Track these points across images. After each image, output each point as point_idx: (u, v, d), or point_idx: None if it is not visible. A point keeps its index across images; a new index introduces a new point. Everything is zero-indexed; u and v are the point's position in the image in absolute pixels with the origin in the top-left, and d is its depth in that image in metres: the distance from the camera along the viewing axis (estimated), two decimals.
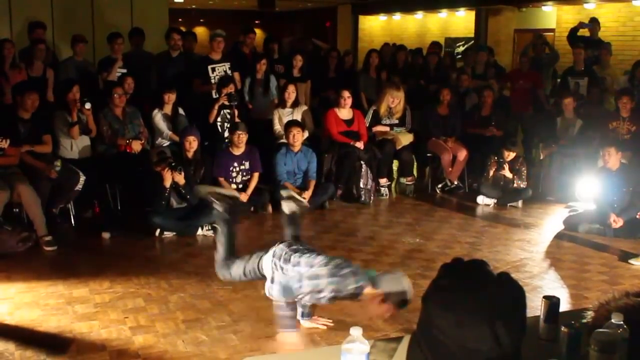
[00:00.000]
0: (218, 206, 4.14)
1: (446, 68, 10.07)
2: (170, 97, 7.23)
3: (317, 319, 4.16)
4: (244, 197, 6.70)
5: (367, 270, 3.54)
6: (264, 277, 3.80)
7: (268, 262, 3.73)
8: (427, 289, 1.47)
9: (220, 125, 7.46)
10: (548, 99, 9.30)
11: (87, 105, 6.49)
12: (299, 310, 4.04)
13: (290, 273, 3.60)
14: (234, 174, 6.84)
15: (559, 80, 9.56)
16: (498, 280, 1.46)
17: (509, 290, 1.45)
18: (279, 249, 3.73)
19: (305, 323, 4.12)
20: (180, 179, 6.07)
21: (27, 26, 8.06)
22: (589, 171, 6.98)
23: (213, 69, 7.91)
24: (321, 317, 4.17)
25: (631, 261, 5.52)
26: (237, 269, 3.95)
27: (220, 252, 4.04)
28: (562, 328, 2.04)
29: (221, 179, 6.77)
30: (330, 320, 4.14)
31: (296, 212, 4.19)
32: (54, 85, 7.46)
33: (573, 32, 9.75)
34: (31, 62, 7.36)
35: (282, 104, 7.74)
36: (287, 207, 4.17)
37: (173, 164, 6.03)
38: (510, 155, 7.39)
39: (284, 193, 4.33)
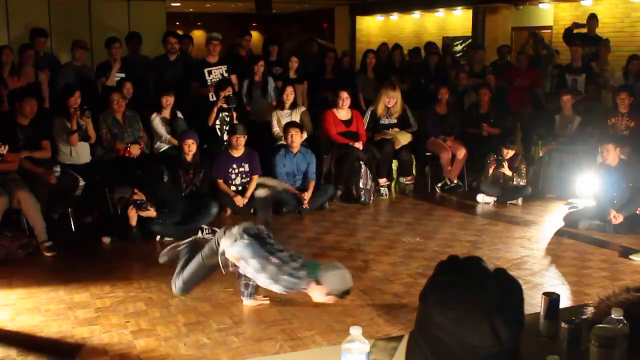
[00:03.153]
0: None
1: (446, 67, 10.07)
2: (169, 101, 7.22)
3: (257, 298, 4.44)
4: (243, 199, 6.71)
5: (311, 266, 3.79)
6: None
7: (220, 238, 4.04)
8: (425, 287, 1.47)
9: (219, 128, 7.46)
10: (548, 96, 9.30)
11: (88, 114, 6.49)
12: (243, 289, 4.39)
13: (248, 271, 3.90)
14: (233, 176, 6.84)
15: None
16: (495, 277, 1.46)
17: (507, 286, 1.45)
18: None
19: (247, 302, 4.41)
20: (150, 213, 5.95)
21: (29, 32, 8.07)
22: (589, 168, 6.98)
23: (209, 72, 7.91)
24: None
25: (632, 257, 5.52)
26: (192, 266, 4.26)
27: (177, 269, 4.37)
28: (562, 324, 2.03)
29: (220, 182, 6.77)
30: (267, 298, 4.41)
31: (268, 196, 4.70)
32: (54, 90, 7.47)
33: (568, 32, 9.76)
34: (21, 67, 7.34)
35: (280, 105, 7.74)
36: (260, 192, 4.71)
37: (138, 202, 5.90)
38: (509, 153, 7.39)
39: (259, 190, 4.93)
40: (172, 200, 6.21)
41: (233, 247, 3.89)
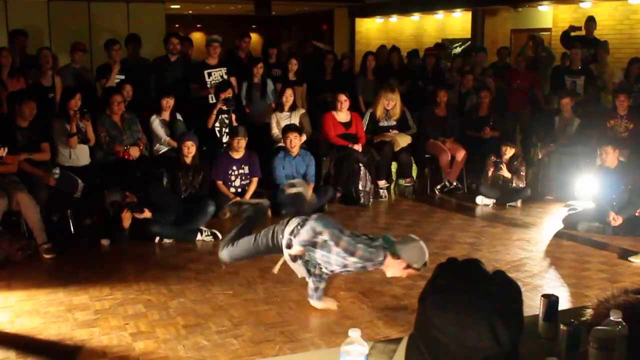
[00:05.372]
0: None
1: (442, 69, 10.07)
2: (169, 103, 7.22)
3: (326, 300, 4.34)
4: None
5: (384, 238, 3.86)
6: (274, 249, 4.16)
7: (287, 233, 4.10)
8: (424, 289, 1.47)
9: (218, 130, 7.46)
10: (547, 98, 9.32)
11: (87, 117, 6.50)
12: (312, 292, 4.26)
13: (317, 255, 3.99)
14: (233, 178, 6.85)
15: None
16: (494, 279, 1.46)
17: (506, 288, 1.46)
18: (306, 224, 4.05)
19: (317, 304, 4.29)
20: (146, 215, 5.96)
21: (8, 35, 8.10)
22: (588, 169, 6.99)
23: (209, 74, 7.91)
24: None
25: (631, 259, 5.51)
26: (244, 244, 4.29)
27: (232, 233, 4.44)
28: (561, 326, 2.04)
29: (219, 183, 6.77)
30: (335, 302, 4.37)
31: (300, 193, 4.64)
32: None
33: (565, 35, 9.77)
34: (40, 70, 7.36)
35: (279, 107, 7.75)
36: (291, 189, 4.68)
37: (132, 205, 5.92)
38: (509, 151, 7.38)
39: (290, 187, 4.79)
40: (166, 202, 6.21)
41: (306, 226, 3.96)
